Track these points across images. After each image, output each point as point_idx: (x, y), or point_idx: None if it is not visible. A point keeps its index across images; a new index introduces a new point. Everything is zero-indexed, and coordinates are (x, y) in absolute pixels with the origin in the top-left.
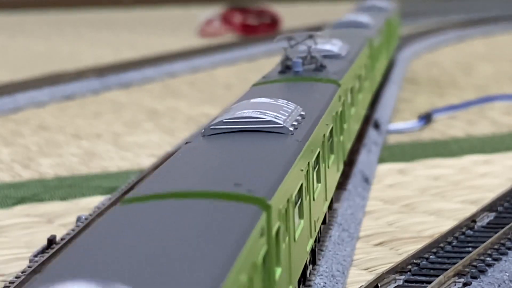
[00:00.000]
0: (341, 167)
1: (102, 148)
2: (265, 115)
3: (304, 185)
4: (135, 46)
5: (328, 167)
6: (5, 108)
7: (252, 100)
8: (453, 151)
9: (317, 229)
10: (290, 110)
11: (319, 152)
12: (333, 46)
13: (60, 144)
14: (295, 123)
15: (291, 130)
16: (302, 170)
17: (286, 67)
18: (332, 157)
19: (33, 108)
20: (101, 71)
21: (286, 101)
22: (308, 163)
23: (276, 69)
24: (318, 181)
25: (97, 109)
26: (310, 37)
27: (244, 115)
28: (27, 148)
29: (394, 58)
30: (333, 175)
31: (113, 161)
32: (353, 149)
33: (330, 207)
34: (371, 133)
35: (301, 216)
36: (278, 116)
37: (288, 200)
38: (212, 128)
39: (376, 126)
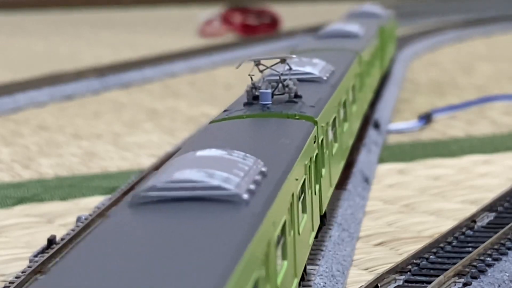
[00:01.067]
0: (316, 226)
1: (102, 148)
2: (213, 177)
3: (262, 275)
4: (135, 46)
5: (299, 234)
6: (5, 108)
7: (198, 153)
8: (453, 151)
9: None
10: (247, 168)
11: (284, 222)
12: (314, 67)
13: (60, 144)
14: (252, 186)
15: (245, 199)
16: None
17: (253, 98)
18: (304, 218)
19: (33, 108)
20: (101, 71)
21: (244, 154)
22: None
23: (242, 99)
24: (284, 258)
25: (97, 109)
26: (283, 61)
27: (185, 176)
28: (27, 148)
29: (391, 67)
30: (304, 244)
31: (113, 161)
32: (353, 149)
33: None
34: (371, 133)
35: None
36: (229, 179)
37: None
38: (142, 196)
39: (376, 126)
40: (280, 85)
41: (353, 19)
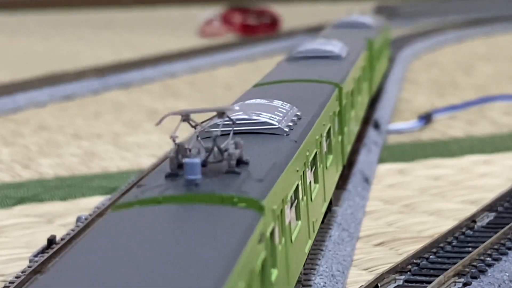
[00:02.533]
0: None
1: (102, 148)
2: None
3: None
4: (135, 46)
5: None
6: (5, 108)
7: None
8: (453, 151)
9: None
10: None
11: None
12: (273, 113)
13: (60, 144)
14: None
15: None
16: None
17: (178, 166)
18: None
19: (33, 108)
20: (101, 71)
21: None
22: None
23: (165, 168)
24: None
25: (97, 109)
26: (220, 114)
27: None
28: (27, 148)
29: (390, 68)
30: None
31: (113, 161)
32: (353, 149)
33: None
34: (371, 133)
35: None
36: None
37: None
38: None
39: (376, 126)
40: (216, 149)
41: (337, 33)
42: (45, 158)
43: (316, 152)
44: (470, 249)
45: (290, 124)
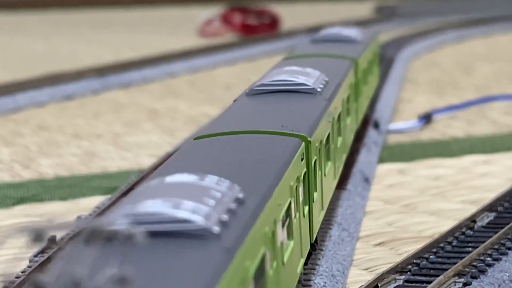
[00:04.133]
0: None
1: (102, 148)
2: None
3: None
4: (135, 46)
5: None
6: (5, 108)
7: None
8: (453, 151)
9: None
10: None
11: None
12: (196, 210)
13: (60, 144)
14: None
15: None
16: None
17: None
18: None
19: (33, 108)
20: (101, 71)
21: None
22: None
23: None
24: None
25: (97, 109)
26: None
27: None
28: (27, 148)
29: (390, 68)
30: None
31: (113, 161)
32: (353, 149)
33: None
34: (371, 133)
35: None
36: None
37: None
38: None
39: (376, 126)
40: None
41: (316, 50)
42: (45, 158)
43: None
44: (470, 249)
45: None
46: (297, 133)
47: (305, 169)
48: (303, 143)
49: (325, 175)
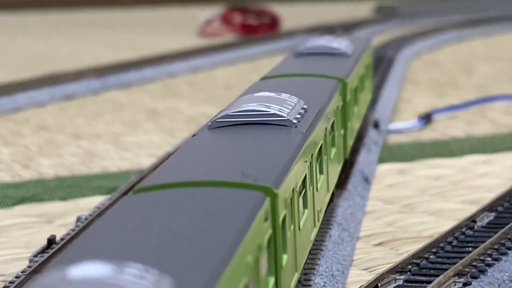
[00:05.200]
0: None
1: (102, 148)
2: (269, 108)
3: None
4: (135, 46)
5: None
6: (5, 108)
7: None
8: (453, 151)
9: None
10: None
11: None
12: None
13: (60, 144)
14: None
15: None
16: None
17: None
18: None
19: (33, 108)
20: (101, 71)
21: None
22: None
23: None
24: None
25: (97, 109)
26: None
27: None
28: (27, 148)
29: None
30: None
31: (113, 161)
32: (353, 149)
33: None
34: (371, 133)
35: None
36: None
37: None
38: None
39: (376, 126)
40: None
41: (297, 68)
42: (45, 158)
43: None
44: (470, 249)
45: None
46: (260, 183)
47: (270, 231)
48: (268, 198)
49: (299, 229)
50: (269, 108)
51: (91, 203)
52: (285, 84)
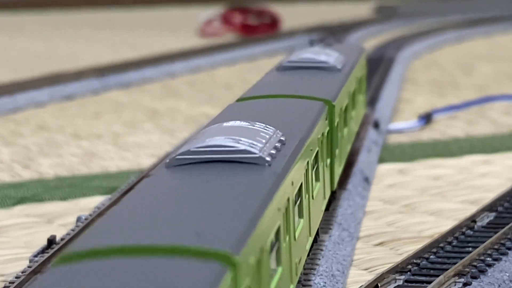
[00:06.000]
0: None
1: (102, 148)
2: (239, 143)
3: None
4: (135, 46)
5: (313, 198)
6: (5, 108)
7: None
8: (453, 151)
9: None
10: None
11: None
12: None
13: (60, 144)
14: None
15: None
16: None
17: None
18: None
19: (33, 108)
20: (101, 71)
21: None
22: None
23: None
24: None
25: (97, 109)
26: None
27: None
28: (27, 148)
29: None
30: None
31: (113, 161)
32: (353, 149)
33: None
34: (371, 133)
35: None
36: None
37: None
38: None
39: (376, 126)
40: None
41: (279, 86)
42: (45, 158)
43: None
44: (470, 249)
45: None
46: (216, 249)
47: None
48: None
49: None
50: (239, 143)
51: (91, 203)
52: (262, 109)
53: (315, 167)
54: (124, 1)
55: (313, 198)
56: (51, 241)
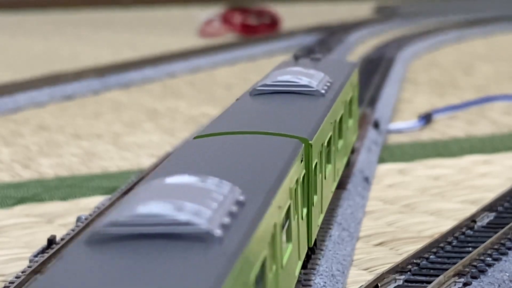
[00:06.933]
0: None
1: (102, 148)
2: (181, 211)
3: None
4: (135, 46)
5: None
6: (5, 108)
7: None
8: (453, 151)
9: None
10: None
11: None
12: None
13: (60, 144)
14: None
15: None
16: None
17: None
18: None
19: (33, 108)
20: (101, 71)
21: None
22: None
23: None
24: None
25: (97, 109)
26: None
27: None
28: (27, 148)
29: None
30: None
31: (113, 161)
32: (353, 149)
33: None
34: (371, 133)
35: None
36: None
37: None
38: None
39: (376, 126)
40: None
41: (239, 130)
42: (45, 158)
43: None
44: (470, 249)
45: None
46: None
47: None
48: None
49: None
50: (180, 211)
51: (91, 203)
52: (220, 152)
53: (286, 225)
54: (124, 1)
55: (282, 268)
56: (51, 241)
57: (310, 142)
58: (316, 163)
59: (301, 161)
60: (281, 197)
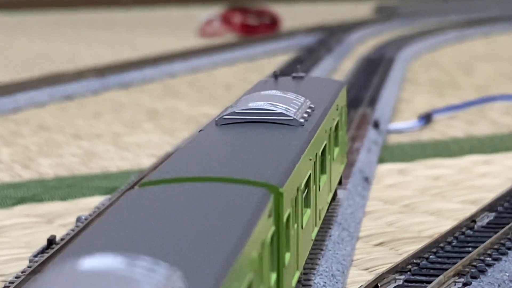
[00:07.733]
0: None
1: (102, 148)
2: (276, 107)
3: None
4: (135, 46)
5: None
6: (5, 108)
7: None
8: (453, 151)
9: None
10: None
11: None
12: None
13: (60, 144)
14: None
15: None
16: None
17: None
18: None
19: (33, 108)
20: (101, 71)
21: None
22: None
23: None
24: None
25: (97, 109)
26: None
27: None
28: (27, 148)
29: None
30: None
31: (113, 161)
32: (353, 149)
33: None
34: (371, 133)
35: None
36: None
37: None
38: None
39: (376, 126)
40: None
41: (196, 175)
42: (45, 158)
43: None
44: (470, 249)
45: None
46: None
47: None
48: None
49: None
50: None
51: (91, 203)
52: (166, 207)
53: None
54: (124, 1)
55: None
56: (51, 241)
57: (280, 190)
58: (289, 214)
59: (269, 215)
60: (237, 275)
